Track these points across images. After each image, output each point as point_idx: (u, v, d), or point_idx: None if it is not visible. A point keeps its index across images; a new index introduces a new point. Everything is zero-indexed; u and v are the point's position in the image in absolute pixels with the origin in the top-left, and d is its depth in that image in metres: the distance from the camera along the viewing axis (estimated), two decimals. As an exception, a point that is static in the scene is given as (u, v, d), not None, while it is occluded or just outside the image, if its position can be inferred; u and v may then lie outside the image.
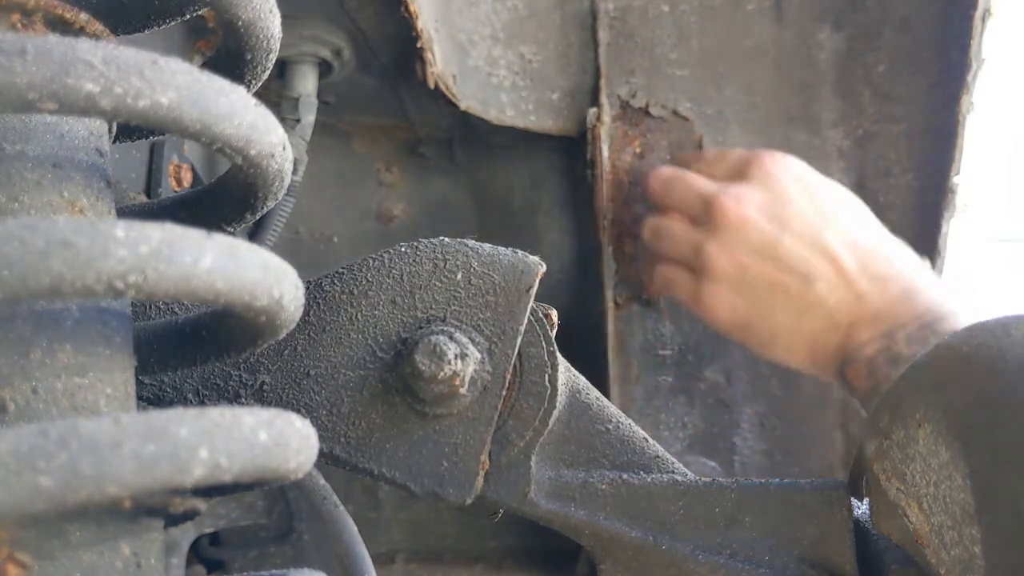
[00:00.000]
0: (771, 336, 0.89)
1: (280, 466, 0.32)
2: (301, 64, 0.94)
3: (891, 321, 0.83)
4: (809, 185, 0.89)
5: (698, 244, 0.89)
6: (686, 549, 0.52)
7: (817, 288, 0.85)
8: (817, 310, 0.86)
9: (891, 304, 0.83)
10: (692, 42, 1.00)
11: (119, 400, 0.37)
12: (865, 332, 0.83)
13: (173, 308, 0.52)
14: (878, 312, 0.83)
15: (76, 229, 0.28)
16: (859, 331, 0.84)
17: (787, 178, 0.88)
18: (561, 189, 1.13)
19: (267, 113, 0.36)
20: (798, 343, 0.88)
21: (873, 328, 0.83)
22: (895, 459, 0.48)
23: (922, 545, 0.47)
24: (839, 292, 0.85)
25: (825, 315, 0.85)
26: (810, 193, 0.88)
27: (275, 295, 0.34)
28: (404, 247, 0.52)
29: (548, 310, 0.53)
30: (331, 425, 0.51)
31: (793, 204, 0.87)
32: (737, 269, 0.87)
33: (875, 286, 0.84)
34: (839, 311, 0.85)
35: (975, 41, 0.91)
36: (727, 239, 0.87)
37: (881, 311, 0.83)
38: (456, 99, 0.93)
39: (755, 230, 0.86)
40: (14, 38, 0.29)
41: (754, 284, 0.87)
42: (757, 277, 0.87)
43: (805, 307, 0.86)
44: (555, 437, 0.54)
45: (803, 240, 0.86)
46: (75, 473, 0.26)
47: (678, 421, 1.05)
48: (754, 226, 0.86)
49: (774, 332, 0.88)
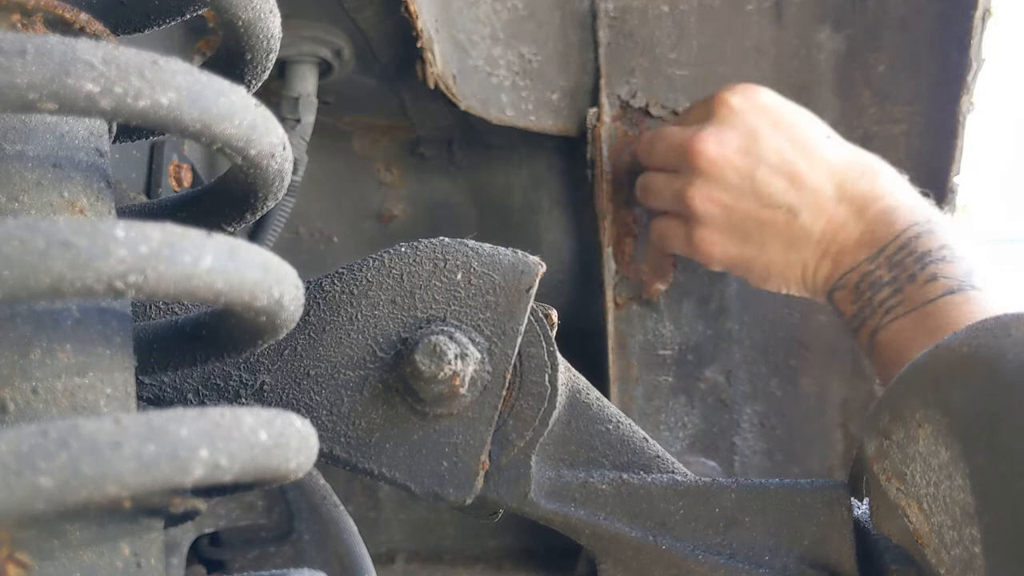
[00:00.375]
0: (766, 270, 0.90)
1: (280, 466, 0.32)
2: (301, 64, 0.94)
3: (872, 244, 0.84)
4: (775, 114, 0.89)
5: (680, 191, 0.90)
6: (686, 549, 0.52)
7: (802, 219, 0.86)
8: (805, 241, 0.87)
9: (871, 227, 0.84)
10: (692, 42, 1.00)
11: (119, 400, 0.37)
12: (852, 258, 0.85)
13: (173, 308, 0.52)
14: (860, 236, 0.85)
15: (76, 229, 0.28)
16: (846, 257, 0.85)
17: (752, 110, 0.89)
18: (561, 189, 1.14)
19: (267, 113, 0.36)
20: (791, 274, 0.89)
21: (857, 253, 0.84)
22: (895, 459, 0.48)
23: (922, 545, 0.47)
24: (822, 221, 0.86)
25: (813, 244, 0.86)
26: (777, 122, 0.88)
27: (275, 295, 0.34)
28: (404, 247, 0.52)
29: (548, 310, 0.53)
30: (331, 425, 0.51)
31: (763, 137, 0.87)
32: (720, 209, 0.88)
33: (855, 210, 0.85)
34: (824, 240, 0.86)
35: (975, 41, 0.91)
36: (705, 182, 0.88)
37: (864, 235, 0.84)
38: (456, 99, 0.93)
39: (730, 168, 0.87)
40: (14, 38, 0.29)
41: (740, 222, 0.88)
42: (741, 215, 0.88)
43: (792, 239, 0.87)
44: (555, 437, 0.54)
45: (779, 172, 0.86)
46: (75, 473, 0.26)
47: (678, 421, 1.05)
48: (728, 164, 0.87)
49: (767, 266, 0.89)
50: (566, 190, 1.13)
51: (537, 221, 1.15)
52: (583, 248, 1.12)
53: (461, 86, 0.94)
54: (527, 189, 1.15)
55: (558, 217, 1.14)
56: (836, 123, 1.00)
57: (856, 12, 0.98)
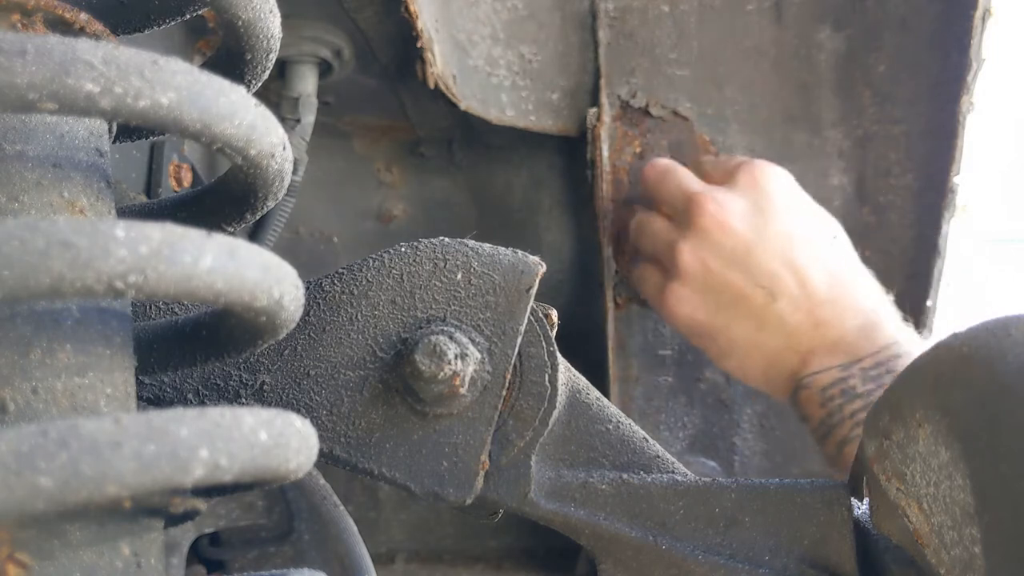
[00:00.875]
0: (728, 346, 0.88)
1: (280, 466, 0.32)
2: (301, 64, 0.94)
3: (849, 354, 0.83)
4: (792, 202, 0.88)
5: (672, 242, 0.89)
6: (686, 549, 0.52)
7: (779, 305, 0.84)
8: (776, 328, 0.85)
9: (851, 336, 0.83)
10: (692, 42, 1.00)
11: (119, 400, 0.37)
12: (822, 360, 0.83)
13: (173, 308, 0.52)
14: (837, 342, 0.83)
15: (76, 229, 0.28)
16: (816, 359, 0.83)
17: (772, 190, 0.88)
18: (561, 189, 1.14)
19: (267, 113, 0.36)
20: (754, 359, 0.87)
21: (830, 358, 0.83)
22: (895, 459, 0.48)
23: (922, 545, 0.47)
24: (800, 314, 0.84)
25: (784, 335, 0.85)
26: (791, 210, 0.88)
27: (275, 295, 0.34)
28: (404, 247, 0.52)
29: (548, 310, 0.53)
30: (331, 425, 0.51)
31: (772, 217, 0.86)
32: (704, 272, 0.87)
33: (837, 315, 0.84)
34: (798, 334, 0.84)
35: (975, 41, 0.91)
36: (700, 240, 0.87)
37: (840, 342, 0.83)
38: (456, 99, 0.93)
39: (729, 236, 0.86)
40: (14, 38, 0.29)
41: (718, 290, 0.86)
42: (722, 284, 0.86)
43: (765, 323, 0.85)
44: (555, 437, 0.54)
45: (774, 255, 0.85)
46: (75, 473, 0.26)
47: (678, 421, 1.05)
48: (729, 232, 0.86)
49: (731, 343, 0.88)
50: (566, 190, 1.13)
51: (537, 221, 1.15)
52: (583, 248, 1.12)
53: (461, 86, 0.94)
54: (527, 189, 1.15)
55: (558, 217, 1.14)
56: (836, 123, 1.00)
57: (856, 12, 0.98)
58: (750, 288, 0.85)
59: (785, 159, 1.01)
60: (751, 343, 0.87)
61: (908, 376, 0.48)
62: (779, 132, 1.01)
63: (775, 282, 0.85)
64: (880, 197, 1.00)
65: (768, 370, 0.87)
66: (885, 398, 0.50)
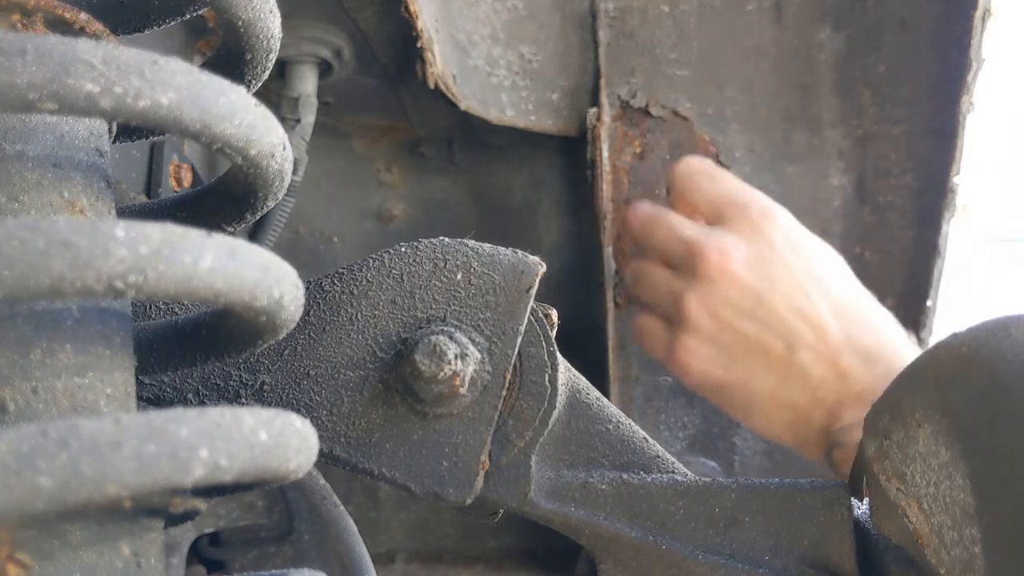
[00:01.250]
0: (748, 402, 0.84)
1: (280, 466, 0.32)
2: (301, 64, 0.94)
3: None
4: (797, 243, 0.84)
5: (678, 294, 0.85)
6: (686, 549, 0.52)
7: (800, 356, 0.80)
8: (799, 381, 0.81)
9: (878, 385, 0.78)
10: (692, 42, 1.00)
11: (119, 400, 0.37)
12: (852, 413, 0.78)
13: (173, 308, 0.52)
14: (863, 392, 0.78)
15: (76, 229, 0.28)
16: (845, 411, 0.79)
17: (775, 233, 0.84)
18: (561, 189, 1.14)
19: (267, 113, 0.36)
20: (778, 414, 0.83)
21: (860, 409, 0.79)
22: (895, 459, 0.48)
23: (922, 545, 0.47)
24: (822, 366, 0.80)
25: (808, 388, 0.80)
26: (798, 252, 0.84)
27: (275, 295, 0.34)
28: (404, 247, 0.52)
29: (548, 310, 0.53)
30: (331, 425, 0.51)
31: (780, 262, 0.82)
32: (716, 325, 0.82)
33: (861, 362, 0.80)
34: (823, 387, 0.80)
35: (975, 41, 0.91)
36: (708, 292, 0.82)
37: (867, 391, 0.78)
38: (456, 99, 0.93)
39: (739, 286, 0.82)
40: (14, 38, 0.29)
41: (733, 343, 0.82)
42: (736, 335, 0.82)
43: (786, 375, 0.81)
44: (555, 437, 0.54)
45: (788, 303, 0.81)
46: (75, 473, 0.26)
47: (678, 421, 1.04)
48: (738, 281, 0.82)
49: (751, 398, 0.83)
50: (566, 190, 1.13)
51: (537, 221, 1.15)
52: (583, 248, 1.12)
53: (461, 86, 0.94)
54: (527, 189, 1.15)
55: (558, 217, 1.14)
56: (836, 123, 1.00)
57: (856, 12, 0.98)
58: (766, 339, 0.81)
59: (785, 159, 1.01)
60: (773, 397, 0.82)
61: (908, 376, 0.48)
62: (779, 132, 1.01)
63: (792, 331, 0.81)
64: (880, 197, 1.00)
65: (796, 425, 0.82)
66: (885, 398, 0.50)
